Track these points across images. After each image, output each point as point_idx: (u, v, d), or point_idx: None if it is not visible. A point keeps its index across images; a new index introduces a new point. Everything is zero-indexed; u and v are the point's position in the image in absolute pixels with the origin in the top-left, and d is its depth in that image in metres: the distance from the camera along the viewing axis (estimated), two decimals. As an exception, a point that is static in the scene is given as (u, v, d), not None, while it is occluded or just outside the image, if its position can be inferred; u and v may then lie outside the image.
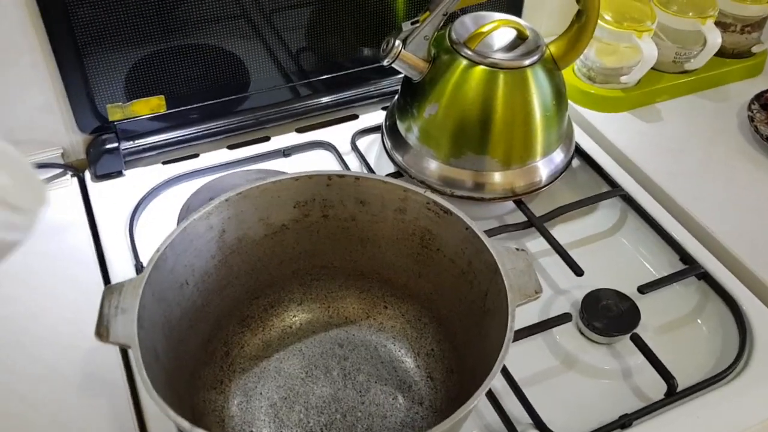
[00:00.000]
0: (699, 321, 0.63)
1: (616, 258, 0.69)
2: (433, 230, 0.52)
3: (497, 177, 0.68)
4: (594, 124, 0.80)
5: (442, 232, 0.51)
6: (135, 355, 0.41)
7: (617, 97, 0.81)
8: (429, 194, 0.51)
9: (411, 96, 0.69)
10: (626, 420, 0.54)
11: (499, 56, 0.65)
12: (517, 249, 0.47)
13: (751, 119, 0.79)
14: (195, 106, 0.74)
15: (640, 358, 0.59)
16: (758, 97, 0.81)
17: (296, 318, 0.57)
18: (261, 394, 0.53)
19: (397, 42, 0.65)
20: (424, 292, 0.55)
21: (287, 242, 0.54)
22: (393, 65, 0.66)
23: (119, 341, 0.41)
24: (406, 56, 0.66)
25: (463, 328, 0.51)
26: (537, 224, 0.67)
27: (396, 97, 0.74)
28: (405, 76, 0.70)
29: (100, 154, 0.70)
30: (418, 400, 0.53)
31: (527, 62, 0.65)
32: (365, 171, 0.73)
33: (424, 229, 0.52)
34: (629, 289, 0.63)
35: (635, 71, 0.78)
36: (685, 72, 0.84)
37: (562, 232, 0.69)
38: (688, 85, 0.84)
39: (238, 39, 0.72)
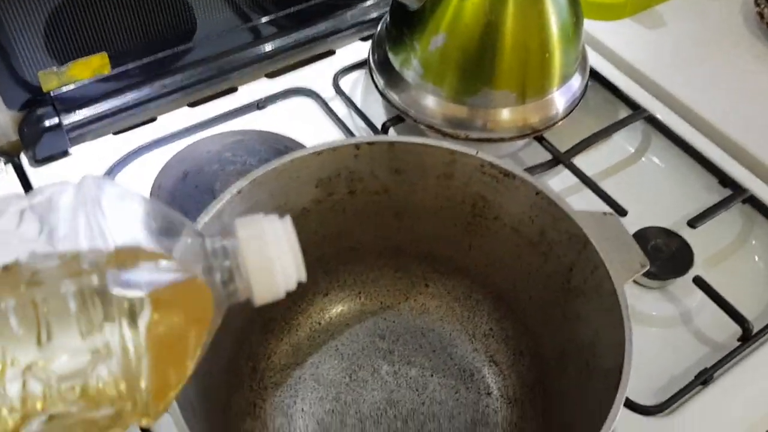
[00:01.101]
0: (748, 249, 0.58)
1: (648, 187, 0.62)
2: (489, 196, 0.43)
3: (511, 113, 0.60)
4: (596, 37, 0.72)
5: (501, 198, 0.43)
6: (175, 419, 0.32)
7: (617, 4, 0.73)
8: (484, 155, 0.42)
9: (407, 26, 0.59)
10: (707, 375, 0.49)
11: (511, -30, 0.55)
12: (605, 213, 0.40)
13: (761, 16, 0.72)
14: (144, 61, 0.61)
15: (696, 300, 0.54)
16: (762, -10, 0.75)
17: (324, 312, 0.49)
18: (303, 410, 0.45)
19: (392, -37, 0.54)
20: (475, 265, 0.47)
21: (309, 227, 0.45)
22: (387, -8, 0.55)
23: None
24: (403, -20, 0.55)
25: (536, 306, 0.44)
26: (565, 161, 0.60)
27: (381, 25, 0.63)
28: (395, 2, 0.59)
29: (38, 134, 0.57)
30: (485, 389, 0.46)
31: (543, -26, 0.56)
32: (355, 116, 0.63)
33: (476, 195, 0.44)
34: (671, 223, 0.58)
35: (640, -28, 0.69)
36: (681, -33, 0.76)
37: (583, 164, 0.62)
38: (686, -18, 0.77)
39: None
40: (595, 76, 0.67)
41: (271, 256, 0.29)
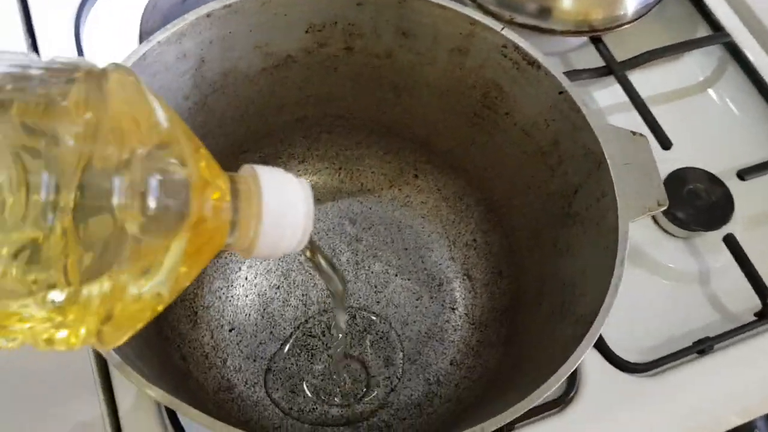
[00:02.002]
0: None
1: (705, 124, 0.54)
2: (505, 86, 0.36)
3: (573, 2, 0.51)
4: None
5: (517, 91, 0.36)
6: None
7: None
8: (508, 33, 0.34)
9: None
10: (706, 345, 0.43)
11: None
12: (634, 133, 0.32)
13: None
14: None
15: (722, 260, 0.47)
16: None
17: (297, 179, 0.43)
18: (246, 279, 0.40)
19: None
20: (474, 165, 0.40)
21: (292, 80, 0.38)
22: None
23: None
24: None
25: (528, 228, 0.38)
26: (617, 72, 0.51)
27: None
28: None
29: None
30: (451, 304, 0.41)
31: None
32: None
33: (491, 82, 0.36)
34: (720, 169, 0.50)
35: None
36: None
37: (639, 80, 0.53)
38: None
39: None
40: (679, -17, 0.57)
41: (287, 218, 0.26)
